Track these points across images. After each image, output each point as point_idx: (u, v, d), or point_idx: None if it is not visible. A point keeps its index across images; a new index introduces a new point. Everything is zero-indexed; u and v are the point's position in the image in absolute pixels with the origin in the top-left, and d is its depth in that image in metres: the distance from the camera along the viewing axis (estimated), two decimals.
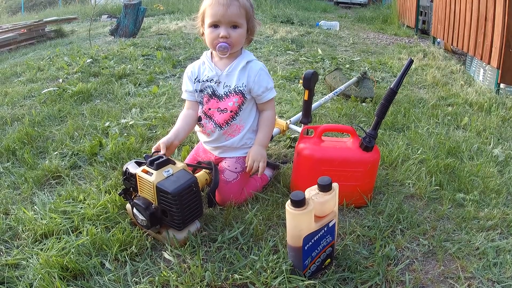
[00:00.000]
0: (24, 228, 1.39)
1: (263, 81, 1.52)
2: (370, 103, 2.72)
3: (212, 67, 1.53)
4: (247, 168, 1.53)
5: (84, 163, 1.89)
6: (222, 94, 1.54)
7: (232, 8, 1.41)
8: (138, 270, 1.22)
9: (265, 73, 1.55)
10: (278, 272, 1.16)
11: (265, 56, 4.23)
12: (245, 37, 1.49)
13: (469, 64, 3.88)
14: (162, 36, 5.41)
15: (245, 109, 1.55)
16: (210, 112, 1.57)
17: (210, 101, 1.56)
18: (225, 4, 1.40)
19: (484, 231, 1.44)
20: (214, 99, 1.55)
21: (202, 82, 1.55)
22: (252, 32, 1.52)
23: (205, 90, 1.55)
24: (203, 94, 1.56)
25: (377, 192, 1.65)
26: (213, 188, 1.48)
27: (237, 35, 1.44)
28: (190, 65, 1.60)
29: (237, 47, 1.49)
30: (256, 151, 1.54)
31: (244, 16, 1.44)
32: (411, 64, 1.44)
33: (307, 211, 1.06)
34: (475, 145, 2.12)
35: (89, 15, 7.32)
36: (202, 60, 1.58)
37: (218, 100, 1.54)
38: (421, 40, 5.82)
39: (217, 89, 1.54)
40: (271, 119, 1.60)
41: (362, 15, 8.74)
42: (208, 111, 1.57)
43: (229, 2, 1.41)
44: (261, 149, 1.55)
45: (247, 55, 1.55)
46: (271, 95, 1.56)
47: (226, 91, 1.53)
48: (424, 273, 1.24)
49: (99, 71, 3.45)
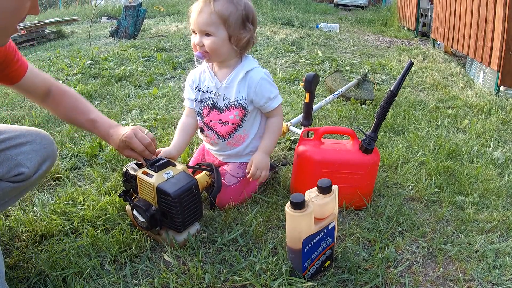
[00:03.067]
0: (24, 229, 1.39)
1: (264, 91, 1.44)
2: (370, 105, 2.72)
3: (212, 77, 1.47)
4: (249, 175, 1.49)
5: (84, 165, 1.90)
6: (223, 107, 1.48)
7: (202, 14, 1.31)
8: (138, 271, 1.22)
9: (267, 82, 1.46)
10: (278, 274, 1.15)
11: (265, 58, 4.23)
12: (225, 46, 1.36)
13: (469, 66, 3.89)
14: (162, 37, 5.42)
15: (248, 120, 1.50)
16: (211, 124, 1.52)
17: (211, 113, 1.51)
18: (197, 11, 1.32)
19: (483, 234, 1.44)
20: (214, 111, 1.50)
21: (203, 92, 1.50)
22: (239, 40, 1.37)
23: (205, 101, 1.50)
24: (203, 105, 1.51)
25: (377, 194, 1.65)
26: (216, 192, 1.48)
27: (209, 43, 1.33)
28: (192, 72, 1.55)
29: (216, 56, 1.39)
30: (260, 158, 1.48)
31: (219, 23, 1.32)
32: (411, 66, 1.45)
33: (307, 213, 1.06)
34: (475, 148, 2.12)
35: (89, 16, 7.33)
36: (203, 68, 1.52)
37: (219, 112, 1.49)
38: (421, 42, 5.83)
39: (217, 101, 1.48)
40: (277, 125, 1.53)
41: (362, 17, 8.76)
42: (210, 123, 1.52)
43: (202, 8, 1.31)
44: (265, 157, 1.49)
45: (247, 64, 1.46)
46: (275, 104, 1.48)
47: (227, 104, 1.47)
48: (424, 275, 1.24)
49: (99, 73, 3.46)
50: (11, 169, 1.16)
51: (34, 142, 1.22)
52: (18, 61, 1.17)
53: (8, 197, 1.22)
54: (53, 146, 1.29)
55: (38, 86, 1.25)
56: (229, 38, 1.36)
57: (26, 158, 1.18)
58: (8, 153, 1.16)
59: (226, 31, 1.34)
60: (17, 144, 1.18)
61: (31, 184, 1.25)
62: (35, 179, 1.24)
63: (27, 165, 1.18)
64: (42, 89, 1.26)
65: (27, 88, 1.23)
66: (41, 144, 1.24)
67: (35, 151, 1.21)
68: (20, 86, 1.21)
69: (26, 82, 1.21)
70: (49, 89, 1.28)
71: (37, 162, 1.21)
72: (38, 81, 1.25)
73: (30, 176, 1.20)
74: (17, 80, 1.19)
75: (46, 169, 1.26)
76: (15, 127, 1.24)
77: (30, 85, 1.23)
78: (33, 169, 1.20)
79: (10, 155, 1.16)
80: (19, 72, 1.19)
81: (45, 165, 1.25)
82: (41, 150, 1.23)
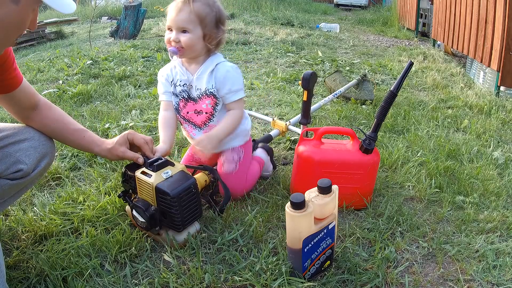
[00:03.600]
0: (24, 229, 1.39)
1: (227, 82, 1.51)
2: (370, 106, 2.72)
3: (183, 72, 1.54)
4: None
5: (84, 165, 1.90)
6: (196, 97, 1.55)
7: (182, 13, 1.41)
8: (138, 271, 1.22)
9: (232, 75, 1.52)
10: (278, 274, 1.16)
11: (265, 58, 4.23)
12: (200, 43, 1.46)
13: (469, 66, 3.89)
14: (162, 37, 5.42)
15: (220, 109, 1.56)
16: (188, 116, 1.59)
17: (187, 105, 1.57)
18: (176, 9, 1.42)
19: (483, 234, 1.44)
20: (190, 102, 1.57)
21: (177, 86, 1.56)
22: (211, 39, 1.48)
23: (180, 94, 1.57)
24: (179, 99, 1.58)
25: (377, 194, 1.65)
26: (225, 202, 1.49)
27: (185, 39, 1.42)
28: (162, 69, 1.61)
29: (190, 52, 1.47)
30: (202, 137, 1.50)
31: (196, 22, 1.42)
32: (411, 66, 1.45)
33: (307, 213, 1.06)
34: (475, 148, 2.12)
35: (89, 16, 7.33)
36: (173, 64, 1.58)
37: (194, 102, 1.57)
38: (421, 42, 5.83)
39: (191, 92, 1.56)
40: (233, 116, 1.56)
41: (362, 18, 8.76)
42: (187, 114, 1.59)
43: (181, 7, 1.42)
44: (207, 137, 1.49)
45: (216, 58, 1.54)
46: (235, 97, 1.53)
47: (199, 94, 1.54)
48: (424, 275, 1.24)
49: (99, 73, 3.46)
50: (10, 166, 1.16)
51: (33, 139, 1.22)
52: (16, 70, 1.16)
53: (8, 195, 1.22)
54: (52, 143, 1.29)
55: (29, 98, 1.24)
56: (204, 36, 1.46)
57: (24, 155, 1.19)
58: (6, 151, 1.16)
59: (202, 30, 1.45)
60: (15, 141, 1.18)
61: (30, 181, 1.25)
62: (34, 176, 1.24)
63: (26, 162, 1.18)
64: (31, 101, 1.25)
65: (19, 99, 1.21)
66: (39, 141, 1.24)
67: (33, 148, 1.21)
68: (13, 96, 1.19)
69: (20, 92, 1.19)
70: (37, 103, 1.27)
71: (36, 159, 1.21)
72: (29, 93, 1.24)
73: (29, 173, 1.20)
74: (13, 89, 1.17)
75: (44, 166, 1.26)
76: (12, 125, 1.24)
77: (22, 96, 1.21)
78: (31, 165, 1.20)
79: (9, 152, 1.16)
80: (15, 81, 1.17)
81: (44, 162, 1.25)
82: (40, 147, 1.23)
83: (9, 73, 1.14)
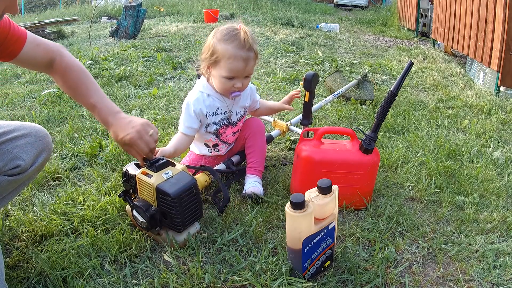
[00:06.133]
0: (24, 229, 1.39)
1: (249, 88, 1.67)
2: (370, 106, 2.72)
3: (221, 99, 1.57)
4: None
5: (84, 165, 1.90)
6: (236, 121, 1.65)
7: (251, 62, 1.45)
8: (138, 271, 1.22)
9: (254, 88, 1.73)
10: (278, 274, 1.15)
11: (265, 58, 4.23)
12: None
13: (469, 66, 3.89)
14: (162, 38, 5.42)
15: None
16: (227, 139, 1.68)
17: (227, 130, 1.64)
18: (244, 60, 1.42)
19: (483, 234, 1.44)
20: (229, 127, 1.64)
21: (216, 115, 1.58)
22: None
23: (220, 122, 1.61)
24: (219, 126, 1.61)
25: (377, 194, 1.65)
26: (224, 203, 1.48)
27: (247, 82, 1.51)
28: (195, 101, 1.53)
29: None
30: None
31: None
32: (411, 66, 1.45)
33: (307, 213, 1.06)
34: (475, 148, 2.12)
35: (90, 16, 7.33)
36: (205, 92, 1.55)
37: (232, 126, 1.65)
38: (421, 42, 5.83)
39: (231, 118, 1.63)
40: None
41: (363, 18, 8.76)
42: (225, 138, 1.67)
43: (248, 56, 1.42)
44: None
45: None
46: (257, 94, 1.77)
47: (239, 117, 1.65)
48: (424, 275, 1.24)
49: (99, 73, 3.46)
50: (8, 162, 1.16)
51: (29, 135, 1.22)
52: (13, 37, 1.14)
53: (6, 192, 1.22)
54: (48, 139, 1.29)
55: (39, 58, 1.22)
56: None
57: (22, 151, 1.19)
58: (3, 147, 1.16)
59: None
60: (12, 137, 1.19)
61: (28, 177, 1.26)
62: (32, 172, 1.24)
63: (23, 158, 1.19)
64: (43, 61, 1.22)
65: (27, 61, 1.20)
66: (36, 136, 1.24)
67: (30, 144, 1.21)
68: (19, 60, 1.18)
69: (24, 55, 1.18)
70: (51, 62, 1.24)
71: (33, 155, 1.22)
72: (39, 52, 1.21)
73: (27, 168, 1.21)
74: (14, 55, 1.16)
75: (42, 162, 1.26)
76: (9, 122, 1.24)
77: (30, 58, 1.19)
78: (29, 161, 1.20)
79: (6, 148, 1.17)
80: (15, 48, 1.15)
81: (41, 157, 1.25)
82: (37, 142, 1.23)
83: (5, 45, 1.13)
